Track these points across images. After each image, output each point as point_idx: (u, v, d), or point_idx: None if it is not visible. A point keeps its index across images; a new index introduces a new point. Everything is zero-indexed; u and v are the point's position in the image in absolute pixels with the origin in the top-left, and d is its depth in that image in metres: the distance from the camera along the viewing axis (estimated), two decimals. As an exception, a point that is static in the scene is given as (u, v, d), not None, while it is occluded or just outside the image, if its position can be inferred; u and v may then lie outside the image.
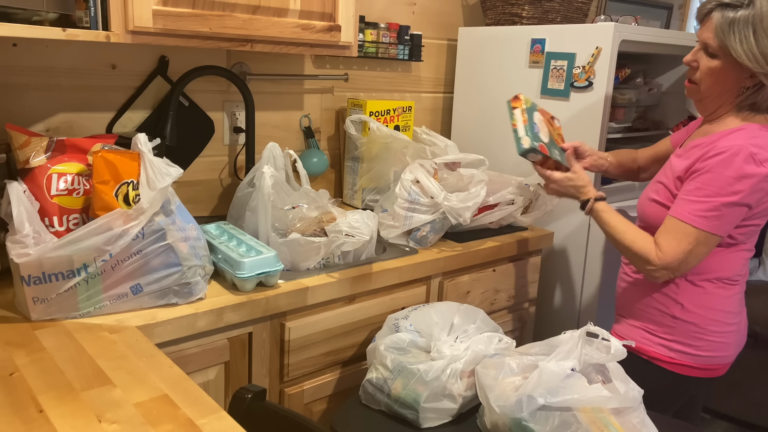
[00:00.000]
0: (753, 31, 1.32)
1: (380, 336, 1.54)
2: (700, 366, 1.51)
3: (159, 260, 1.31)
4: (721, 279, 1.49)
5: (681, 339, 1.50)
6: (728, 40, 1.35)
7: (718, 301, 1.50)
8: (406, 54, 2.30)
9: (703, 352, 1.50)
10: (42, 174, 1.35)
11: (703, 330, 1.49)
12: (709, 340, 1.50)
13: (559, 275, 2.22)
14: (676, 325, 1.50)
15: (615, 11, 2.84)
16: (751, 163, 1.33)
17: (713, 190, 1.36)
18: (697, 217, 1.38)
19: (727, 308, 1.51)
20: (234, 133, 2.00)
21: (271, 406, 1.15)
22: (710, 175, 1.37)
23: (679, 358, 1.50)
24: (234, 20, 1.54)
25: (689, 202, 1.40)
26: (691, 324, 1.49)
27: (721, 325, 1.50)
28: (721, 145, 1.36)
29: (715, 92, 1.44)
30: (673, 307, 1.51)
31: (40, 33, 1.30)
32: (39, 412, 0.96)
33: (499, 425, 1.26)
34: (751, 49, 1.33)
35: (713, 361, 1.52)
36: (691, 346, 1.50)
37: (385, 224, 1.83)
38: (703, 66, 1.42)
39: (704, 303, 1.49)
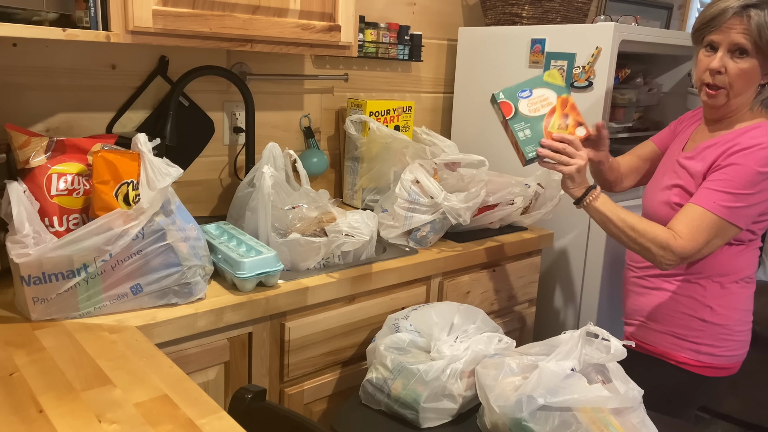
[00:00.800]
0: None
1: (380, 336, 1.54)
2: (723, 366, 1.53)
3: (159, 260, 1.31)
4: (743, 278, 1.51)
5: (709, 342, 1.50)
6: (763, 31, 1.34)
7: (742, 301, 1.52)
8: (406, 54, 2.30)
9: (728, 352, 1.52)
10: (42, 174, 1.35)
11: (731, 331, 1.51)
12: (735, 339, 1.51)
13: (559, 275, 2.22)
14: (705, 328, 1.51)
15: (615, 11, 2.84)
16: None
17: (740, 183, 1.37)
18: (721, 207, 1.38)
19: (748, 306, 1.54)
20: (234, 133, 2.00)
21: (271, 406, 1.15)
22: (737, 168, 1.37)
23: (706, 360, 1.51)
24: (234, 20, 1.54)
25: (714, 192, 1.40)
26: (720, 326, 1.50)
27: (745, 324, 1.53)
28: (746, 141, 1.38)
29: (745, 91, 1.43)
30: (702, 311, 1.50)
31: (40, 33, 1.30)
32: (39, 412, 0.96)
33: (499, 425, 1.26)
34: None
35: (735, 359, 1.54)
36: (718, 348, 1.51)
37: (385, 224, 1.83)
38: (733, 69, 1.39)
39: (731, 304, 1.51)
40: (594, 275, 2.11)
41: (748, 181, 1.37)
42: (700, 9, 3.45)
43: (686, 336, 1.52)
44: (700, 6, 3.45)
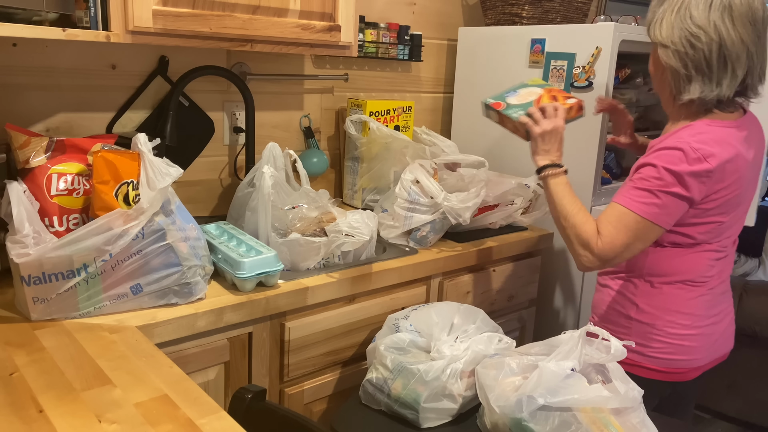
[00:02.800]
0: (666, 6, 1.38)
1: (380, 336, 1.54)
2: (658, 368, 1.48)
3: (159, 260, 1.31)
4: (680, 280, 1.46)
5: (637, 339, 1.47)
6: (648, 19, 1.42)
7: (677, 303, 1.47)
8: (406, 54, 2.30)
9: (660, 354, 1.47)
10: (42, 174, 1.35)
11: (660, 331, 1.47)
12: (667, 341, 1.47)
13: (559, 275, 2.22)
14: (631, 325, 1.50)
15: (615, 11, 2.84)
16: (692, 159, 1.31)
17: (654, 180, 1.35)
18: (637, 203, 1.36)
19: (688, 310, 1.47)
20: (234, 133, 2.00)
21: (271, 406, 1.16)
22: (652, 168, 1.35)
23: (636, 358, 1.47)
24: (234, 20, 1.54)
25: (631, 189, 1.38)
26: (646, 324, 1.48)
27: (680, 327, 1.47)
28: (666, 143, 1.36)
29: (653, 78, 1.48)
30: (629, 308, 1.50)
31: (40, 33, 1.30)
32: (39, 412, 0.96)
33: (499, 425, 1.26)
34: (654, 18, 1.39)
35: (673, 364, 1.48)
36: (647, 347, 1.48)
37: (385, 224, 1.83)
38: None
39: (660, 304, 1.47)
40: (594, 275, 2.10)
41: (661, 180, 1.34)
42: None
43: (615, 332, 1.49)
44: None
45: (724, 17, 1.31)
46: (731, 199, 1.40)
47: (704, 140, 1.33)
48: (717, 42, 1.31)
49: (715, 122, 1.38)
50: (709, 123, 1.38)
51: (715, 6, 1.31)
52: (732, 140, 1.36)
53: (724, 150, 1.34)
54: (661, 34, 1.36)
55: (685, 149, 1.32)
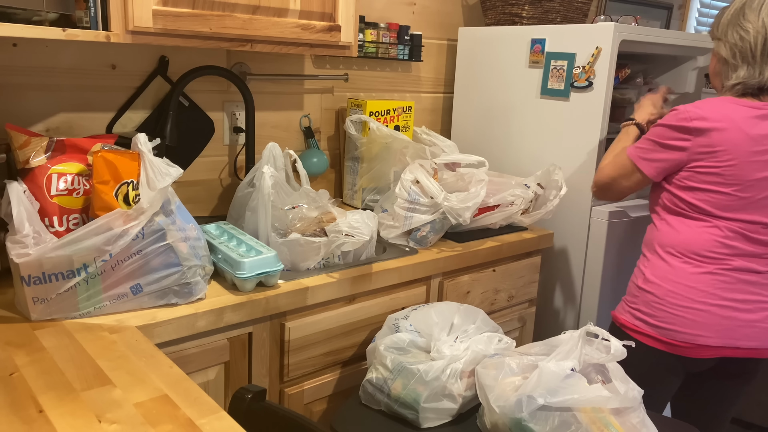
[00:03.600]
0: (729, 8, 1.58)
1: (380, 336, 1.54)
2: (662, 338, 1.55)
3: (159, 260, 1.31)
4: (684, 253, 1.55)
5: (642, 308, 1.59)
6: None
7: (682, 276, 1.54)
8: (406, 54, 2.30)
9: (663, 324, 1.55)
10: (42, 174, 1.35)
11: (661, 301, 1.55)
12: (669, 312, 1.54)
13: (559, 275, 2.22)
14: (639, 294, 1.61)
15: (615, 11, 2.84)
16: (682, 117, 1.51)
17: (654, 134, 1.59)
18: (634, 148, 1.63)
19: (691, 284, 1.53)
20: (234, 133, 2.00)
21: (271, 406, 1.15)
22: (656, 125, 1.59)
23: (642, 326, 1.58)
24: (234, 20, 1.54)
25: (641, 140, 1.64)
26: (650, 294, 1.58)
27: (682, 298, 1.53)
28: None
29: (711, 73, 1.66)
30: (639, 277, 1.62)
31: (40, 33, 1.31)
32: (39, 412, 0.96)
33: (499, 425, 1.26)
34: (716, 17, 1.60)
35: (677, 336, 1.53)
36: (651, 316, 1.57)
37: (385, 224, 1.83)
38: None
39: (665, 275, 1.56)
40: (594, 275, 2.11)
41: (659, 134, 1.56)
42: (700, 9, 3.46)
43: (628, 301, 1.65)
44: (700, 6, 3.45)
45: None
46: (734, 171, 1.48)
47: (701, 105, 1.52)
48: (763, 35, 1.50)
49: (727, 98, 1.55)
50: (721, 98, 1.55)
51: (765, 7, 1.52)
52: (733, 113, 1.49)
53: (715, 117, 1.48)
54: (718, 30, 1.57)
55: (679, 109, 1.54)
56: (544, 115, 2.17)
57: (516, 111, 2.26)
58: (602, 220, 2.05)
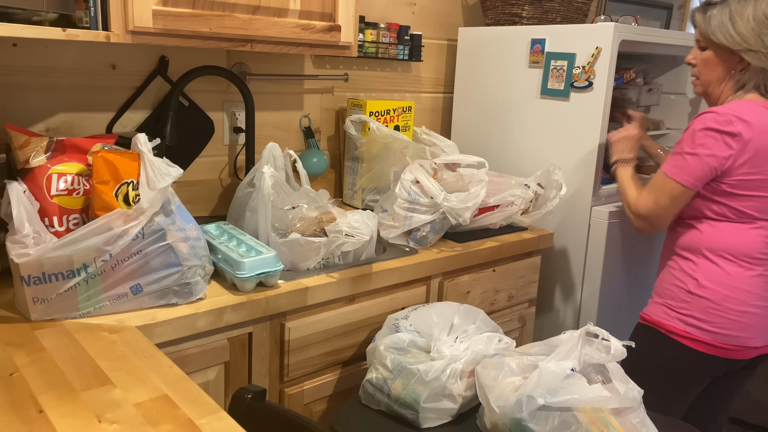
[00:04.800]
0: (729, 17, 1.53)
1: (380, 336, 1.54)
2: (716, 343, 1.53)
3: (159, 260, 1.31)
4: (737, 256, 1.53)
5: (696, 314, 1.54)
6: (709, 29, 1.56)
7: (736, 280, 1.52)
8: (406, 54, 2.30)
9: (719, 329, 1.52)
10: (42, 174, 1.35)
11: (719, 306, 1.52)
12: (726, 317, 1.52)
13: (559, 275, 2.22)
14: (692, 300, 1.56)
15: (615, 11, 2.84)
16: (718, 121, 1.48)
17: (684, 144, 1.54)
18: (668, 165, 1.57)
19: (747, 287, 1.53)
20: (234, 133, 2.00)
21: (271, 406, 1.15)
22: (684, 134, 1.55)
23: (695, 333, 1.54)
24: (234, 20, 1.54)
25: (671, 156, 1.58)
26: (706, 299, 1.53)
27: (739, 303, 1.52)
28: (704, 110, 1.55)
29: (713, 80, 1.61)
30: (690, 283, 1.57)
31: (40, 33, 1.30)
32: (39, 412, 0.96)
33: (499, 425, 1.26)
34: (728, 30, 1.52)
35: (731, 340, 1.53)
36: (706, 322, 1.53)
37: (385, 224, 1.83)
38: (698, 60, 1.63)
39: (720, 279, 1.53)
40: (594, 275, 2.11)
41: (688, 142, 1.52)
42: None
43: (675, 306, 1.59)
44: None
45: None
46: None
47: (734, 108, 1.49)
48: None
49: (755, 101, 1.53)
50: (748, 101, 1.53)
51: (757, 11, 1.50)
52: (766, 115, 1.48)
53: (754, 118, 1.46)
54: (746, 42, 1.51)
55: (716, 111, 1.49)
56: (544, 115, 2.17)
57: (516, 111, 2.26)
58: (602, 220, 2.05)
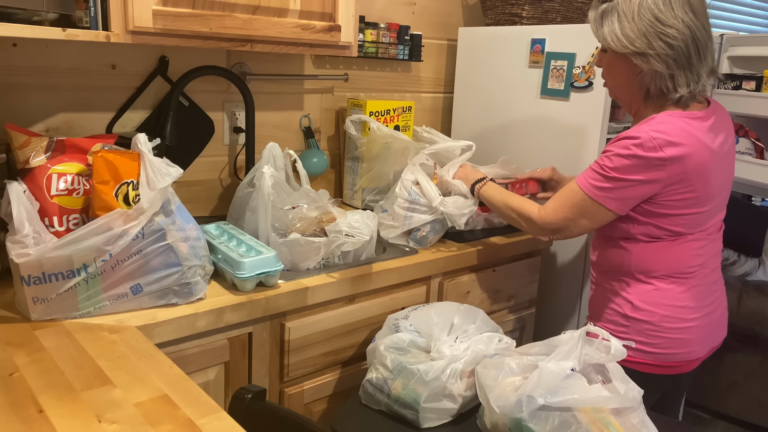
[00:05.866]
0: (617, 16, 1.40)
1: (380, 336, 1.54)
2: (660, 363, 1.50)
3: (159, 260, 1.31)
4: (669, 274, 1.47)
5: (636, 337, 1.48)
6: (598, 31, 1.45)
7: (671, 297, 1.48)
8: (406, 54, 2.30)
9: (660, 350, 1.48)
10: (42, 174, 1.35)
11: (657, 327, 1.48)
12: (666, 336, 1.48)
13: (559, 275, 2.22)
14: (629, 323, 1.50)
15: (615, 11, 2.83)
16: (647, 147, 1.36)
17: (611, 166, 1.41)
18: (590, 185, 1.45)
19: (682, 303, 1.48)
20: (234, 133, 2.00)
21: (271, 406, 1.15)
22: (610, 155, 1.42)
23: (638, 356, 1.48)
24: (234, 20, 1.54)
25: (589, 171, 1.47)
26: (644, 322, 1.48)
27: (677, 321, 1.48)
28: (627, 132, 1.42)
29: (618, 84, 1.51)
30: (625, 306, 1.51)
31: (40, 33, 1.30)
32: (39, 412, 0.96)
33: (499, 425, 1.26)
34: (615, 32, 1.41)
35: (674, 358, 1.49)
36: (647, 344, 1.48)
37: (385, 224, 1.83)
38: (602, 63, 1.52)
39: (655, 300, 1.48)
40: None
41: (617, 166, 1.40)
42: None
43: (614, 331, 1.51)
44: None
45: (686, 11, 1.37)
46: (706, 190, 1.42)
47: (664, 130, 1.37)
48: (689, 36, 1.37)
49: (676, 113, 1.41)
50: (671, 114, 1.41)
51: (675, 3, 1.37)
52: (695, 131, 1.39)
53: (684, 140, 1.37)
54: (633, 44, 1.39)
55: (642, 137, 1.37)
56: (544, 115, 2.17)
57: (516, 111, 2.26)
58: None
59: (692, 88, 1.40)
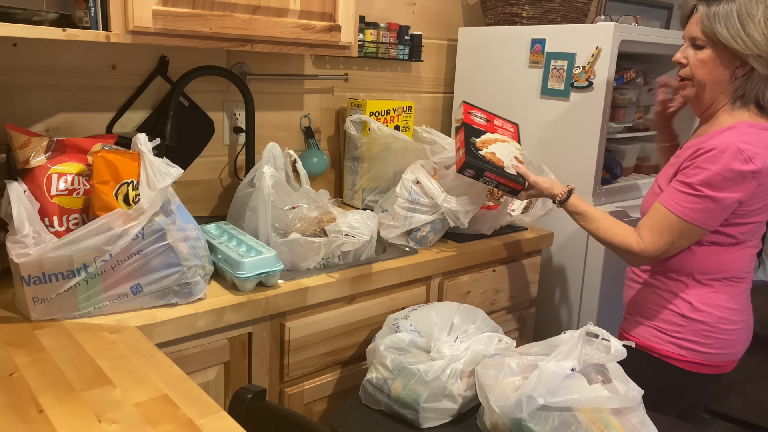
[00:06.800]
0: (737, 16, 1.39)
1: (380, 336, 1.54)
2: (710, 363, 1.53)
3: (159, 260, 1.31)
4: (727, 277, 1.51)
5: (691, 337, 1.52)
6: (715, 27, 1.41)
7: (727, 299, 1.51)
8: (406, 54, 2.30)
9: (713, 350, 1.52)
10: (42, 174, 1.35)
11: (714, 328, 1.51)
12: (719, 337, 1.51)
13: (559, 275, 2.22)
14: (686, 323, 1.52)
15: (615, 11, 2.84)
16: (739, 159, 1.36)
17: (701, 184, 1.40)
18: (683, 207, 1.43)
19: (736, 305, 1.52)
20: (234, 133, 2.00)
21: (271, 406, 1.15)
22: (698, 170, 1.41)
23: (690, 355, 1.52)
24: (234, 20, 1.54)
25: (677, 193, 1.44)
26: (701, 323, 1.51)
27: (730, 322, 1.52)
28: (711, 144, 1.40)
29: (708, 83, 1.47)
30: (683, 306, 1.53)
31: (40, 33, 1.31)
32: (39, 412, 0.96)
33: (499, 425, 1.26)
34: (738, 32, 1.39)
35: (723, 358, 1.53)
36: (701, 344, 1.51)
37: (385, 224, 1.83)
38: (693, 60, 1.48)
39: (713, 302, 1.51)
40: (594, 275, 2.11)
41: (708, 183, 1.39)
42: (700, 9, 3.44)
43: (668, 330, 1.55)
44: (700, 6, 3.44)
45: None
46: None
47: (749, 141, 1.38)
48: None
49: (756, 124, 1.43)
50: (751, 125, 1.42)
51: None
52: None
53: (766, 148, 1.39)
54: (758, 47, 1.38)
55: (731, 150, 1.37)
56: (544, 115, 2.17)
57: (516, 111, 2.26)
58: (602, 220, 2.05)
59: None
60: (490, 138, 1.75)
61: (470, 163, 1.62)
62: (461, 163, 1.64)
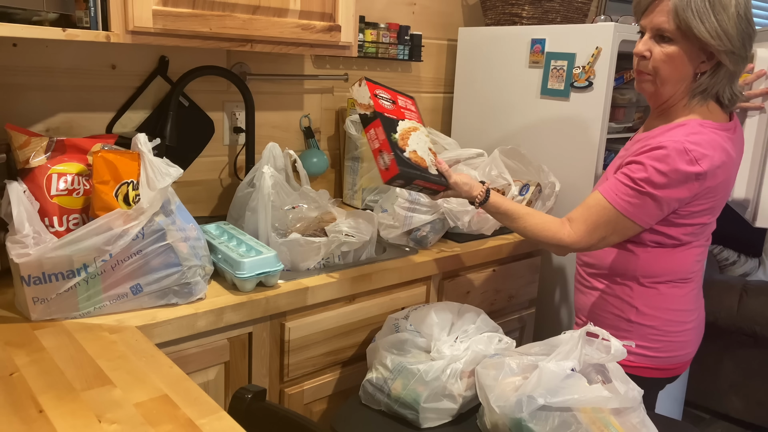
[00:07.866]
0: (712, 10, 1.29)
1: (380, 336, 1.54)
2: (660, 367, 1.49)
3: (159, 260, 1.31)
4: (672, 279, 1.47)
5: (639, 342, 1.47)
6: (690, 20, 1.29)
7: (673, 301, 1.47)
8: (406, 54, 2.30)
9: (662, 353, 1.48)
10: (42, 174, 1.35)
11: (661, 331, 1.47)
12: (668, 340, 1.48)
13: (559, 275, 2.22)
14: (632, 328, 1.48)
15: (615, 11, 2.84)
16: (685, 160, 1.31)
17: (643, 180, 1.34)
18: (622, 200, 1.37)
19: (683, 307, 1.49)
20: (234, 133, 2.00)
21: (271, 406, 1.16)
22: (643, 167, 1.34)
23: (639, 360, 1.48)
24: (234, 20, 1.54)
25: (619, 185, 1.38)
26: (648, 327, 1.47)
27: (679, 324, 1.48)
28: (658, 141, 1.35)
29: (673, 79, 1.38)
30: (629, 311, 1.49)
31: (40, 33, 1.31)
32: (39, 412, 0.96)
33: (499, 425, 1.26)
34: (714, 27, 1.29)
35: (674, 360, 1.50)
36: (650, 349, 1.48)
37: (385, 224, 1.83)
38: (658, 53, 1.36)
39: (659, 304, 1.47)
40: (594, 275, 2.11)
41: (650, 180, 1.33)
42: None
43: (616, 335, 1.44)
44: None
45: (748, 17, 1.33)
46: (722, 202, 1.43)
47: (697, 141, 1.32)
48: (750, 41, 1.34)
49: (707, 123, 1.37)
50: (702, 124, 1.36)
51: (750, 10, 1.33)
52: (723, 143, 1.36)
53: (716, 153, 1.33)
54: (732, 42, 1.30)
55: (678, 149, 1.31)
56: (544, 115, 2.17)
57: (516, 111, 2.26)
58: (602, 220, 2.05)
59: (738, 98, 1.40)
60: (405, 129, 1.49)
61: (404, 174, 1.36)
62: (391, 174, 1.36)
